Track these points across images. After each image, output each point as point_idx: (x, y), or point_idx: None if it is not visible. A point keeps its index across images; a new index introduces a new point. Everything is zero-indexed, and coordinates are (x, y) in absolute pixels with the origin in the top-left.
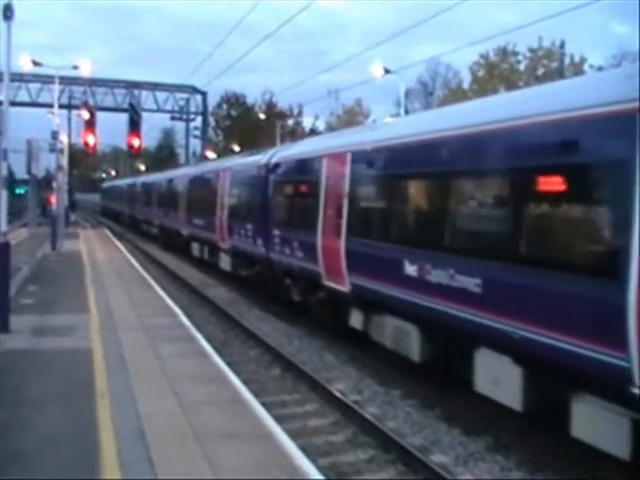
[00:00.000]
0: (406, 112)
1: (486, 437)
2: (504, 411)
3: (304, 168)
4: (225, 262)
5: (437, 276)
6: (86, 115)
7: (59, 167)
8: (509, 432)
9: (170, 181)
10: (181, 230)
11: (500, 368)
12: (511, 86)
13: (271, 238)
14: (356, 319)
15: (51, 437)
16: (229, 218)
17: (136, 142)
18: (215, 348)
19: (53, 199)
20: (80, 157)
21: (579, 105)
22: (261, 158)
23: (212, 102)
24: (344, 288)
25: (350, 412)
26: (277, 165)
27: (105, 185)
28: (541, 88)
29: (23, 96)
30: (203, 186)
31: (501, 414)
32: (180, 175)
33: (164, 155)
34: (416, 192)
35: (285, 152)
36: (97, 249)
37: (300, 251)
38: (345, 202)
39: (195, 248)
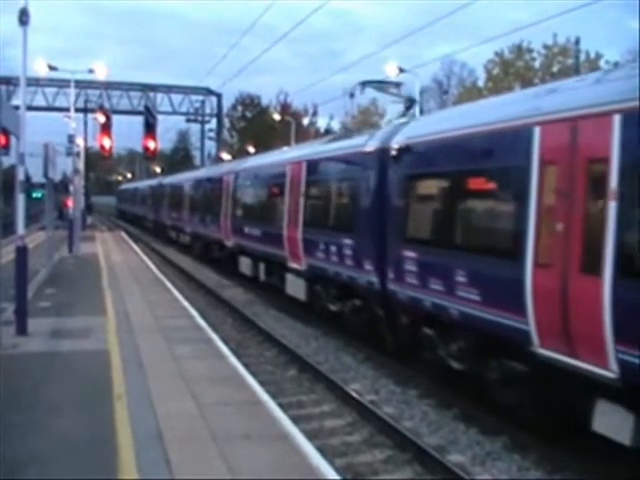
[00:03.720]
0: (421, 112)
1: (503, 437)
2: (522, 411)
3: (479, 150)
4: (296, 287)
5: None
6: (102, 118)
7: (75, 170)
8: (527, 431)
9: (208, 180)
10: (224, 240)
11: None
12: (526, 84)
13: (395, 262)
14: (620, 424)
15: (69, 439)
16: (306, 228)
17: (152, 144)
18: (231, 349)
19: (70, 202)
20: (96, 160)
21: None
22: (366, 142)
23: (227, 104)
24: (603, 370)
25: (367, 412)
26: (406, 150)
27: (122, 187)
28: None
29: (39, 101)
30: (257, 185)
31: (519, 413)
32: (221, 172)
33: (179, 157)
34: None
35: (422, 128)
36: (113, 252)
37: (472, 289)
38: (611, 209)
39: (245, 264)
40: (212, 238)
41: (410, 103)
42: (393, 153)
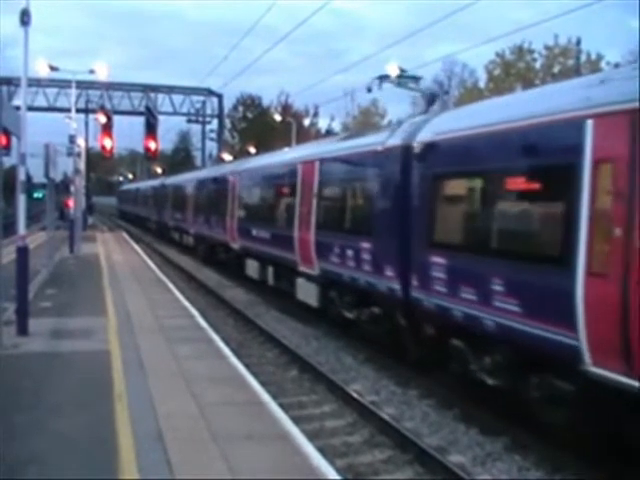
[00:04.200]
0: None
1: (504, 437)
2: (523, 411)
3: (520, 147)
4: (307, 293)
5: None
6: (103, 119)
7: (76, 171)
8: (527, 432)
9: (213, 181)
10: (230, 242)
11: None
12: (527, 84)
13: (420, 268)
14: None
15: (69, 439)
16: (319, 230)
17: (153, 145)
18: (232, 349)
19: (71, 203)
20: (97, 161)
21: None
22: (386, 139)
23: (228, 104)
24: None
25: (367, 413)
26: (433, 147)
27: (123, 188)
28: None
29: (40, 101)
30: (266, 185)
31: (520, 414)
32: (227, 172)
33: (180, 158)
34: None
35: (451, 123)
36: (114, 252)
37: (511, 299)
38: None
39: (252, 267)
40: (217, 240)
41: (432, 97)
42: (417, 150)
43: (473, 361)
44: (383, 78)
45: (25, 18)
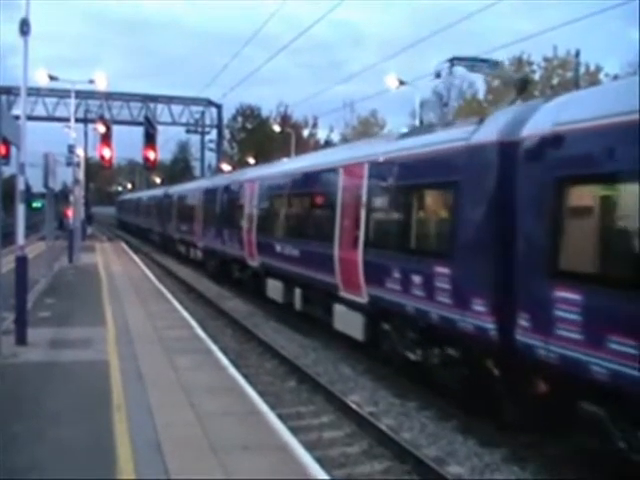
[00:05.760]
0: (421, 123)
1: (502, 448)
2: (521, 422)
3: None
4: (350, 323)
5: None
6: (102, 129)
7: (76, 181)
8: (525, 443)
9: (225, 189)
10: (247, 259)
11: None
12: (526, 96)
13: (534, 304)
14: None
15: (68, 448)
16: (369, 248)
17: (152, 155)
18: (231, 360)
19: (70, 212)
20: (96, 170)
21: None
22: (471, 133)
23: (227, 115)
24: None
25: (366, 424)
26: (556, 140)
27: (123, 198)
28: None
29: (40, 111)
30: (295, 193)
31: (518, 425)
32: (242, 180)
33: (179, 168)
34: None
35: (588, 107)
36: (113, 262)
37: None
38: None
39: (274, 289)
40: (231, 255)
41: (523, 84)
42: (528, 146)
43: (621, 436)
44: (454, 60)
45: (25, 28)
